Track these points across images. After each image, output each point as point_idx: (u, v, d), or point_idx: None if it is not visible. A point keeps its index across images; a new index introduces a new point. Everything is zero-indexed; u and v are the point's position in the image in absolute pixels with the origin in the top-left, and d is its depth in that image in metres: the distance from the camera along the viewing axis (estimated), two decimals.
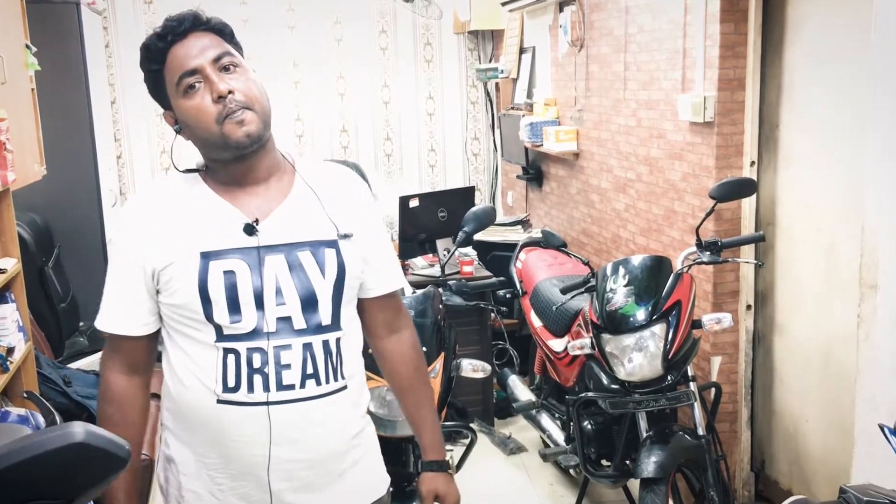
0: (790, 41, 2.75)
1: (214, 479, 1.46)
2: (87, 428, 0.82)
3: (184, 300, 1.40)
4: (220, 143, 1.39)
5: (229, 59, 1.40)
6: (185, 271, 1.39)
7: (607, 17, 3.67)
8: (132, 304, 1.44)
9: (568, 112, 4.20)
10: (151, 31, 1.42)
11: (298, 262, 1.42)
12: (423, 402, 1.65)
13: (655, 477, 2.41)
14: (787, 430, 2.92)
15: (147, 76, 1.44)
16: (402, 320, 1.65)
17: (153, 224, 1.42)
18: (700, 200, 2.97)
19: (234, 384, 1.39)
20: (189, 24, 1.39)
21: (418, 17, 5.33)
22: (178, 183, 1.47)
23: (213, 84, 1.37)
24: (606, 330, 2.59)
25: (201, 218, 1.42)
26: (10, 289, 2.74)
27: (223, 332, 1.40)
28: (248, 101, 1.38)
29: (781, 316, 2.91)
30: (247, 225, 1.41)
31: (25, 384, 2.74)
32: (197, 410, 1.43)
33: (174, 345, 1.45)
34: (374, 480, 1.59)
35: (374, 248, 1.54)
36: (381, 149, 5.45)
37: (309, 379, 1.41)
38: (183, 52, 1.38)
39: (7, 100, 2.78)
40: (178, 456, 1.49)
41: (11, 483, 0.80)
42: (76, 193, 4.27)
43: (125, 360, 1.48)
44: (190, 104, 1.38)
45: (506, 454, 3.61)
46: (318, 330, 1.42)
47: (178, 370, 1.44)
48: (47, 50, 3.51)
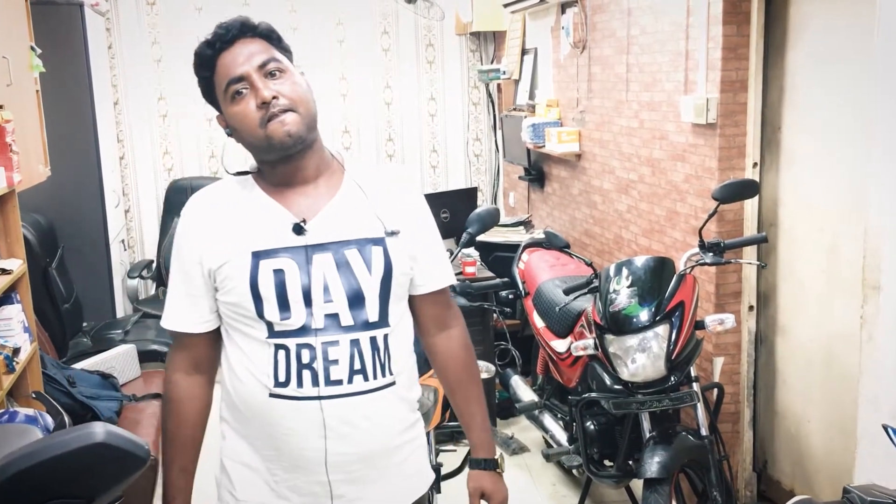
0: (792, 43, 2.76)
1: (270, 471, 1.51)
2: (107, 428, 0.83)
3: (237, 298, 1.45)
4: (264, 145, 1.43)
5: (275, 65, 1.44)
6: (238, 270, 1.44)
7: (609, 19, 3.68)
8: (193, 302, 1.50)
9: (570, 113, 4.21)
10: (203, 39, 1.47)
11: (345, 260, 1.45)
12: (472, 400, 1.66)
13: (659, 477, 2.42)
14: (789, 431, 2.93)
15: (199, 82, 1.49)
16: (453, 317, 1.66)
17: (210, 225, 1.48)
18: (702, 202, 2.98)
19: (284, 379, 1.44)
20: (236, 32, 1.44)
21: (420, 19, 5.34)
22: (233, 185, 1.52)
23: (257, 90, 1.41)
24: (610, 331, 2.60)
25: (253, 218, 1.47)
26: (16, 289, 2.75)
27: (274, 328, 1.44)
28: (292, 104, 1.42)
29: (783, 317, 2.92)
30: (295, 225, 1.45)
31: (31, 385, 2.75)
32: (251, 404, 1.48)
33: (231, 341, 1.51)
34: (421, 476, 1.61)
35: (424, 246, 1.56)
36: (383, 150, 5.46)
37: (356, 374, 1.45)
38: (230, 60, 1.43)
39: (12, 101, 2.79)
40: (233, 448, 1.53)
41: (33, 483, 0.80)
42: (80, 194, 4.28)
43: (188, 357, 1.54)
44: (237, 110, 1.43)
45: (508, 454, 3.62)
46: (365, 326, 1.46)
47: (235, 365, 1.49)
48: (51, 52, 3.52)
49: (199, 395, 1.55)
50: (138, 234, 5.24)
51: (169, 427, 1.54)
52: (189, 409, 1.53)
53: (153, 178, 5.21)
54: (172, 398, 1.53)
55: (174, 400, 1.53)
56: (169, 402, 1.54)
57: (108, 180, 4.51)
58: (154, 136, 5.17)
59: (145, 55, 5.05)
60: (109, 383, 3.31)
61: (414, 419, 1.59)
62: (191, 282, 1.49)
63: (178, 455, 1.53)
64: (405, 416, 1.56)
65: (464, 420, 1.67)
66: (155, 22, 5.04)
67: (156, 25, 5.04)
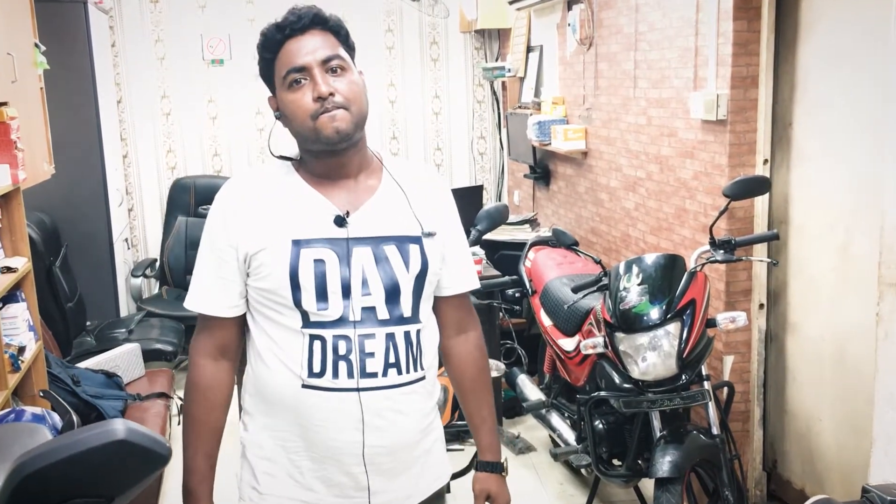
0: (804, 38, 2.74)
1: (294, 463, 1.50)
2: (127, 425, 0.81)
3: (274, 285, 1.44)
4: (311, 136, 1.44)
5: (338, 62, 1.45)
6: (276, 257, 1.43)
7: (617, 15, 3.65)
8: (224, 285, 1.49)
9: (576, 111, 4.19)
10: (272, 21, 1.46)
11: (384, 255, 1.47)
12: (483, 404, 1.68)
13: (671, 476, 2.40)
14: (800, 430, 2.91)
15: (260, 62, 1.50)
16: (472, 322, 1.68)
17: (247, 209, 1.47)
18: (712, 199, 2.96)
19: (319, 370, 1.44)
20: (308, 22, 1.45)
21: (425, 16, 5.33)
22: (273, 171, 1.52)
23: (316, 84, 1.42)
24: (620, 329, 2.58)
25: (293, 206, 1.47)
26: (21, 288, 2.74)
27: (309, 318, 1.44)
28: (346, 102, 1.43)
29: (794, 315, 2.90)
30: (337, 217, 1.46)
31: (36, 383, 2.73)
32: (281, 394, 1.47)
33: (258, 329, 1.50)
34: (440, 471, 1.64)
35: (453, 248, 1.59)
36: (388, 148, 5.44)
37: (391, 368, 1.46)
38: (296, 48, 1.44)
39: (17, 98, 2.77)
40: (255, 440, 1.53)
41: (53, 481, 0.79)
42: (83, 193, 4.26)
43: (214, 342, 1.52)
44: (292, 98, 1.44)
45: (514, 453, 3.60)
46: (400, 321, 1.47)
47: (264, 354, 1.49)
48: (55, 49, 3.50)
49: (225, 382, 1.53)
50: (141, 232, 5.22)
51: (194, 412, 1.52)
52: (215, 395, 1.52)
53: (156, 177, 5.19)
54: (199, 383, 1.51)
55: (201, 385, 1.51)
56: (195, 386, 1.52)
57: (112, 179, 4.49)
58: (157, 134, 5.15)
59: (149, 53, 5.03)
60: (114, 382, 3.29)
61: (435, 413, 1.61)
62: (223, 265, 1.48)
63: (202, 441, 1.51)
64: (429, 411, 1.58)
65: (473, 423, 1.69)
66: (158, 20, 5.02)
67: (159, 23, 5.02)
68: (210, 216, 1.51)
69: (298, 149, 1.53)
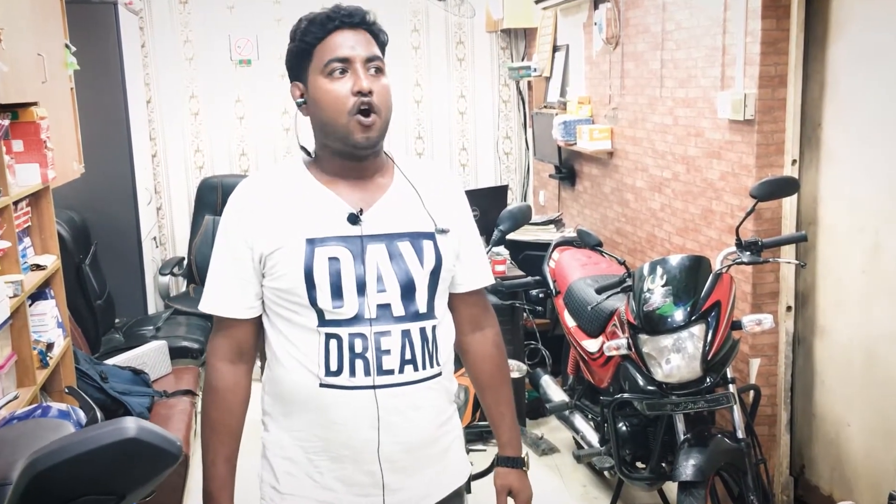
0: (834, 37, 2.69)
1: (314, 463, 1.50)
2: (139, 424, 0.82)
3: (289, 284, 1.44)
4: (341, 133, 1.45)
5: (378, 64, 1.47)
6: (291, 256, 1.44)
7: (644, 15, 3.62)
8: (241, 287, 1.49)
9: (602, 110, 4.16)
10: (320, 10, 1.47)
11: (398, 251, 1.47)
12: (502, 400, 1.67)
13: (694, 480, 2.37)
14: (828, 434, 2.86)
15: (295, 46, 1.49)
16: (488, 318, 1.68)
17: (261, 209, 1.47)
18: (739, 200, 2.92)
19: (336, 368, 1.44)
20: (358, 20, 1.47)
21: (451, 16, 5.32)
22: (285, 171, 1.52)
23: (358, 78, 1.43)
24: (643, 330, 2.56)
25: (307, 205, 1.47)
26: (50, 285, 2.78)
27: (325, 316, 1.44)
28: (379, 106, 1.45)
29: (823, 317, 2.85)
30: (351, 214, 1.46)
31: (64, 380, 2.77)
32: (299, 394, 1.47)
33: (275, 329, 1.50)
34: (459, 468, 1.63)
35: (467, 245, 1.59)
36: (413, 147, 5.44)
37: (407, 364, 1.46)
38: (342, 40, 1.45)
39: (47, 98, 2.81)
40: (276, 440, 1.53)
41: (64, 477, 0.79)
42: (113, 191, 4.32)
43: (232, 344, 1.52)
44: (330, 87, 1.44)
45: (538, 455, 3.58)
46: (415, 317, 1.47)
47: (280, 354, 1.49)
48: (85, 49, 3.56)
49: (243, 385, 1.53)
50: (170, 231, 5.28)
51: (213, 416, 1.51)
52: (234, 399, 1.52)
53: (184, 176, 5.25)
54: (217, 387, 1.51)
55: (219, 389, 1.51)
56: (213, 390, 1.51)
57: (141, 178, 4.55)
58: (185, 133, 5.20)
59: (177, 53, 5.08)
60: (141, 379, 3.33)
61: (452, 410, 1.61)
62: (240, 266, 1.48)
63: (222, 445, 1.51)
64: (447, 407, 1.58)
65: (493, 419, 1.69)
66: (187, 20, 5.07)
67: (188, 24, 5.07)
68: (224, 218, 1.51)
69: (315, 143, 1.52)
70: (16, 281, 2.36)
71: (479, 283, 1.63)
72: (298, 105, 1.50)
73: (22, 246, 2.56)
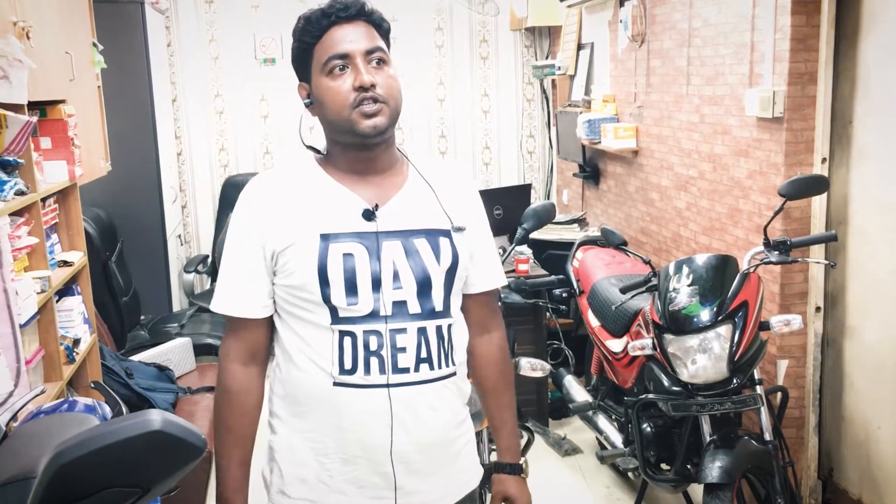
0: (865, 33, 2.64)
1: (324, 465, 1.47)
2: (164, 416, 0.82)
3: (302, 281, 1.41)
4: (346, 127, 1.42)
5: (380, 55, 1.43)
6: (304, 253, 1.41)
7: (670, 11, 3.59)
8: (254, 286, 1.46)
9: (627, 109, 4.12)
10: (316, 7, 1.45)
11: (415, 248, 1.45)
12: (504, 405, 1.65)
13: (721, 483, 2.34)
14: (858, 437, 2.81)
15: (296, 46, 1.48)
16: (495, 321, 1.65)
17: (273, 206, 1.44)
18: (767, 198, 2.88)
19: (350, 366, 1.41)
20: (355, 12, 1.43)
21: (475, 14, 5.31)
22: (297, 167, 1.50)
23: (359, 73, 1.40)
24: (669, 330, 2.53)
25: (320, 201, 1.45)
26: (77, 282, 2.80)
27: (339, 314, 1.41)
28: (386, 96, 1.42)
29: (853, 318, 2.81)
30: (366, 210, 1.44)
31: (90, 375, 2.80)
32: (312, 393, 1.45)
33: (287, 328, 1.47)
34: (473, 471, 1.61)
35: (480, 245, 1.57)
36: (436, 146, 5.44)
37: (423, 363, 1.44)
38: (340, 35, 1.42)
39: (75, 97, 2.84)
40: (285, 443, 1.49)
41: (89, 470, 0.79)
42: (138, 189, 4.36)
43: (245, 345, 1.49)
44: (331, 84, 1.42)
45: (560, 455, 3.56)
46: (431, 315, 1.45)
47: (293, 354, 1.46)
48: (113, 48, 3.59)
49: (256, 387, 1.50)
50: (194, 229, 5.32)
51: (227, 419, 1.49)
52: (247, 401, 1.49)
53: (209, 174, 5.28)
54: (231, 389, 1.48)
55: (233, 391, 1.48)
56: (227, 393, 1.49)
57: (166, 176, 4.58)
58: (210, 132, 5.24)
59: (203, 52, 5.12)
60: (165, 375, 3.36)
61: (465, 413, 1.58)
62: (252, 265, 1.45)
63: (237, 448, 1.48)
64: (460, 409, 1.55)
65: (494, 424, 1.67)
66: (213, 19, 5.10)
67: (213, 23, 5.10)
68: (235, 217, 1.49)
69: (326, 141, 1.50)
70: (43, 277, 2.38)
71: (490, 284, 1.60)
72: (306, 105, 1.49)
73: (49, 242, 2.58)
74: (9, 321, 1.94)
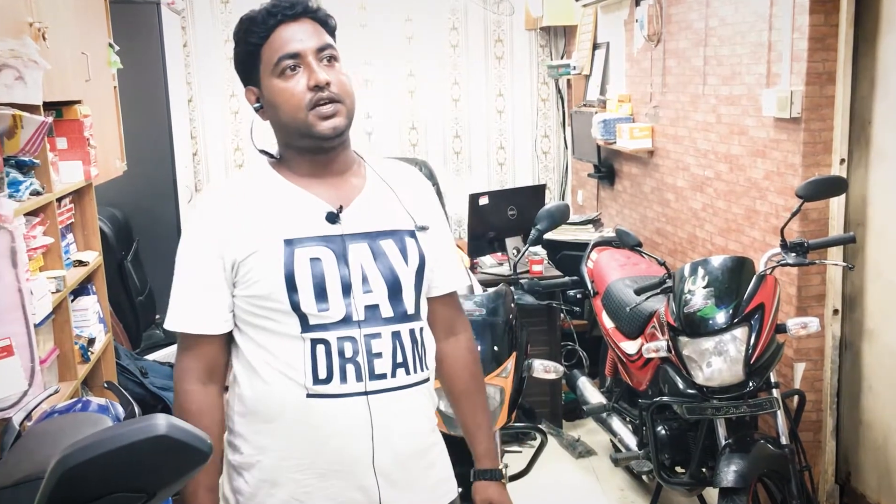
0: (885, 32, 2.61)
1: (299, 482, 1.39)
2: (169, 420, 0.81)
3: (267, 290, 1.35)
4: (303, 129, 1.37)
5: (330, 52, 1.39)
6: (269, 260, 1.35)
7: (686, 11, 3.56)
8: (212, 300, 1.39)
9: (643, 109, 4.10)
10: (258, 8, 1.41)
11: (382, 249, 1.41)
12: (478, 408, 1.60)
13: (736, 487, 2.31)
14: (876, 441, 2.78)
15: (241, 49, 1.43)
16: (461, 323, 1.61)
17: (231, 215, 1.38)
18: (784, 200, 2.85)
19: (325, 376, 1.35)
20: (301, 10, 1.39)
21: (490, 14, 5.30)
22: (251, 177, 1.45)
23: (312, 72, 1.36)
24: (684, 332, 2.51)
25: (281, 206, 1.39)
26: (92, 281, 2.82)
27: (309, 321, 1.35)
28: (341, 95, 1.38)
29: (871, 321, 2.77)
30: (329, 213, 1.39)
31: (105, 374, 2.81)
32: (282, 407, 1.37)
33: (249, 341, 1.40)
34: (449, 482, 1.56)
35: (442, 247, 1.53)
36: (451, 146, 5.43)
37: (399, 368, 1.39)
38: (289, 35, 1.37)
39: (91, 97, 2.85)
40: (252, 463, 1.41)
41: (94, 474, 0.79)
42: (154, 189, 4.38)
43: (202, 364, 1.42)
44: (284, 86, 1.37)
45: (574, 457, 3.54)
46: (404, 318, 1.41)
47: (258, 367, 1.39)
48: (129, 49, 3.61)
49: (217, 406, 1.41)
50: None
51: None
52: (209, 422, 1.39)
53: (224, 174, 5.30)
54: (191, 410, 1.39)
55: (193, 413, 1.38)
56: (187, 415, 1.38)
57: (182, 176, 4.60)
58: (226, 132, 5.25)
59: (219, 53, 5.14)
60: None
61: (436, 421, 1.53)
62: (210, 278, 1.38)
63: (203, 474, 1.33)
64: (433, 416, 1.51)
65: (468, 429, 1.60)
66: (228, 20, 5.12)
67: (229, 24, 5.12)
68: (188, 230, 1.42)
69: (279, 145, 1.45)
70: (58, 276, 2.39)
71: (454, 284, 1.56)
72: (256, 110, 1.43)
73: (65, 242, 2.60)
74: (23, 321, 1.95)
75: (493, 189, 4.89)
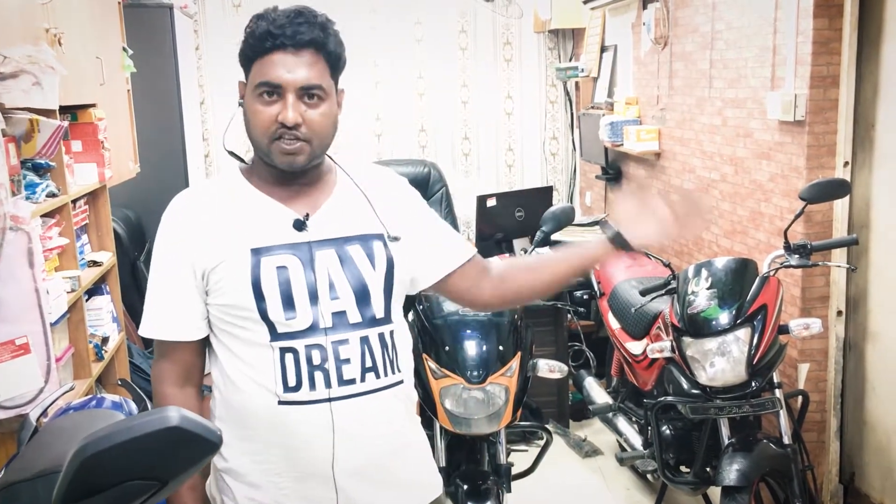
0: (889, 36, 2.63)
1: (278, 485, 1.42)
2: (181, 412, 0.86)
3: (235, 299, 1.37)
4: (264, 154, 1.40)
5: (317, 93, 1.37)
6: (236, 269, 1.37)
7: (693, 14, 3.58)
8: (185, 307, 1.41)
9: (650, 111, 4.12)
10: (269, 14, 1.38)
11: (349, 255, 1.41)
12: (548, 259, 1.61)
13: (738, 485, 2.34)
14: (880, 442, 2.79)
15: (241, 49, 1.43)
16: (491, 266, 1.59)
17: (200, 224, 1.40)
18: (789, 202, 2.88)
19: (294, 383, 1.37)
20: (305, 41, 1.36)
21: (498, 17, 5.33)
22: (221, 183, 1.47)
23: (285, 109, 1.35)
24: (688, 333, 2.53)
25: (248, 215, 1.40)
26: (106, 281, 2.87)
27: (277, 329, 1.37)
28: (309, 136, 1.37)
29: (875, 323, 2.79)
30: (296, 220, 1.40)
31: (118, 372, 2.87)
32: (256, 414, 1.40)
33: (224, 349, 1.42)
34: (429, 480, 1.57)
35: (438, 232, 1.54)
36: (459, 148, 5.46)
37: (368, 372, 1.40)
38: (279, 61, 1.35)
39: (105, 100, 2.91)
40: (235, 467, 1.44)
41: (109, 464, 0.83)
42: (167, 190, 4.34)
43: (178, 369, 1.44)
44: (257, 108, 1.37)
45: (581, 456, 3.57)
46: (372, 323, 1.41)
47: (233, 376, 1.41)
48: (142, 52, 3.66)
49: (194, 408, 1.41)
50: None
51: None
52: None
53: None
54: None
55: None
56: None
57: (194, 178, 4.65)
58: (237, 135, 5.29)
59: (231, 56, 5.12)
60: None
61: (416, 422, 1.55)
62: (182, 285, 1.39)
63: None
64: (409, 418, 1.52)
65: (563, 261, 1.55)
66: (240, 23, 5.12)
67: (241, 27, 5.09)
68: (160, 237, 1.43)
69: (254, 151, 1.44)
70: (73, 276, 2.44)
71: (463, 256, 1.54)
72: (240, 104, 1.43)
73: (80, 243, 2.65)
74: (40, 320, 2.00)
75: (502, 190, 4.92)
